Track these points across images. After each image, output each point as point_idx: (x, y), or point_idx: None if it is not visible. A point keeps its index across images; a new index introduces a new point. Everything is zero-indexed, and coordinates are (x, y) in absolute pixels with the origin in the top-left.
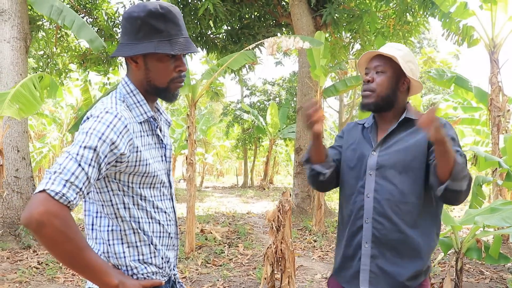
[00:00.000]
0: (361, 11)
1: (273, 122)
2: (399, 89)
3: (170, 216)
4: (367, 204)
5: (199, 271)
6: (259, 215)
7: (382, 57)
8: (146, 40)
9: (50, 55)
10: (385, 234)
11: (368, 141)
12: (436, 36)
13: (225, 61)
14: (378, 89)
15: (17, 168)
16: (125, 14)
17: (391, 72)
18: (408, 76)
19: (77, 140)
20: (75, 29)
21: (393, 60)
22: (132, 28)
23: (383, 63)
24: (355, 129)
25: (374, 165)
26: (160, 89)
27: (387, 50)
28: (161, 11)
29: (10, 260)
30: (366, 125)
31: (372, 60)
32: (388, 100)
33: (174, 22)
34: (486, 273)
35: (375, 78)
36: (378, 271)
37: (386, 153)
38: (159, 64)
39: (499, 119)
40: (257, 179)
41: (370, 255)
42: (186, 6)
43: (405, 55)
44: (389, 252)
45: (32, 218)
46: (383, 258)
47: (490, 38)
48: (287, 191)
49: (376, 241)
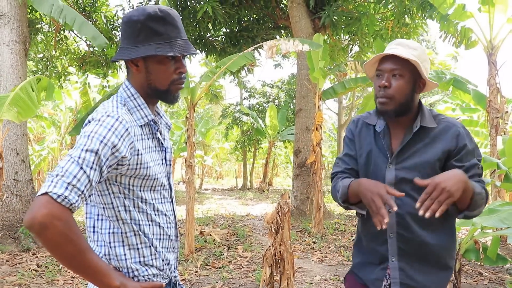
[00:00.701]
0: (360, 13)
1: (272, 124)
2: (416, 92)
3: (170, 218)
4: (390, 219)
5: (198, 273)
6: (258, 217)
7: (398, 58)
8: (146, 43)
9: (49, 58)
10: (411, 247)
11: (383, 150)
12: (434, 38)
13: (224, 63)
14: (397, 96)
15: (16, 171)
16: (124, 18)
17: (409, 76)
18: (424, 78)
19: (78, 143)
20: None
21: (409, 62)
22: (132, 31)
23: (400, 65)
24: (366, 131)
25: (393, 179)
26: (161, 92)
27: (403, 51)
28: (160, 14)
29: (10, 263)
30: (377, 129)
31: (385, 61)
32: (407, 106)
33: (173, 24)
34: (485, 274)
35: (392, 83)
36: (409, 281)
37: (403, 167)
38: (160, 66)
39: (497, 120)
40: (256, 181)
41: (399, 268)
42: (185, 9)
43: (420, 54)
44: (417, 262)
45: (35, 220)
46: (412, 269)
47: (488, 40)
48: (286, 193)
49: (402, 254)
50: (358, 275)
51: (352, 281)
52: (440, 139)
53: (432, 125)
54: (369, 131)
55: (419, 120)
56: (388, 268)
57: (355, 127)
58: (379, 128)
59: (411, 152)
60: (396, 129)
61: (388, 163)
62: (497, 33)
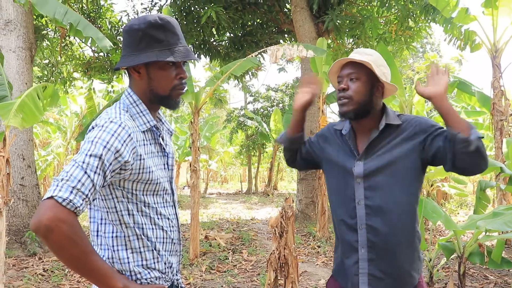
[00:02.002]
0: (363, 17)
1: (276, 128)
2: (374, 94)
3: (173, 222)
4: (359, 212)
5: (203, 277)
6: (263, 221)
7: (354, 64)
8: (148, 50)
9: (54, 64)
10: (380, 238)
11: (349, 149)
12: (439, 40)
13: (229, 68)
14: (355, 96)
15: (22, 176)
16: (126, 27)
17: (365, 78)
18: (382, 81)
19: (83, 149)
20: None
21: (365, 66)
22: (133, 39)
23: (356, 70)
24: (334, 135)
25: (361, 173)
26: (163, 97)
27: (358, 57)
28: (160, 22)
29: (16, 267)
30: (343, 132)
31: (344, 68)
32: (365, 107)
33: (173, 32)
34: (490, 278)
35: (349, 85)
36: (377, 273)
37: (371, 160)
38: (161, 72)
39: (502, 123)
40: (261, 185)
41: (368, 259)
42: (189, 14)
43: (376, 60)
44: (386, 254)
45: (41, 223)
46: (380, 261)
47: (492, 43)
48: (290, 197)
49: (371, 246)
50: (338, 280)
51: (334, 285)
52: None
53: (397, 122)
54: (337, 135)
55: (384, 119)
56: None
57: (323, 132)
58: (344, 131)
59: (378, 148)
60: (361, 132)
61: (356, 160)
62: (501, 36)
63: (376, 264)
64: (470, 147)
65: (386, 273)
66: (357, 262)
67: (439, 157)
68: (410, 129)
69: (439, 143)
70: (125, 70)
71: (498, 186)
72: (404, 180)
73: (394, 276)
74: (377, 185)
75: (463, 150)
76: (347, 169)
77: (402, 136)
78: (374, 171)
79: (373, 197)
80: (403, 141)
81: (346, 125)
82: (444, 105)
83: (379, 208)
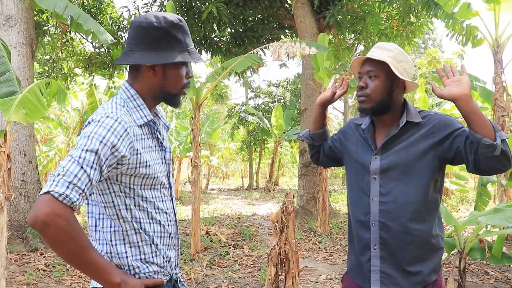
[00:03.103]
0: (364, 12)
1: (278, 124)
2: (394, 91)
3: (171, 216)
4: (373, 208)
5: (204, 272)
6: (264, 217)
7: (374, 60)
8: (169, 50)
9: (55, 59)
10: (392, 236)
11: (367, 144)
12: (441, 36)
13: (230, 64)
14: (373, 95)
15: (24, 172)
16: (144, 24)
17: (384, 76)
18: (401, 77)
19: (79, 144)
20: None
21: (385, 63)
22: (154, 37)
23: (375, 67)
24: (355, 129)
25: (378, 169)
26: (172, 95)
27: (377, 54)
28: (180, 24)
29: (18, 263)
30: (363, 126)
31: (364, 65)
32: (384, 104)
33: (188, 34)
34: (491, 273)
35: (368, 83)
36: (389, 270)
37: (388, 156)
38: (176, 72)
39: (504, 119)
40: (262, 181)
41: (380, 256)
42: (190, 10)
43: (396, 55)
44: (398, 252)
45: (37, 218)
46: (393, 259)
47: (493, 38)
48: (290, 193)
49: (384, 243)
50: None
51: (349, 282)
52: (428, 133)
53: (418, 120)
54: (356, 129)
55: (405, 116)
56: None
57: (345, 127)
58: (364, 125)
59: (396, 144)
60: (380, 127)
61: (373, 154)
62: (503, 31)
63: (388, 261)
64: (495, 152)
65: (398, 271)
66: (369, 259)
67: (459, 157)
68: (429, 127)
69: (459, 144)
70: (127, 65)
71: (499, 181)
72: (420, 179)
73: (405, 274)
74: (392, 182)
75: (488, 155)
76: (364, 165)
77: (420, 134)
78: (390, 167)
79: (387, 194)
80: (421, 139)
81: (366, 119)
82: (470, 106)
83: (393, 205)
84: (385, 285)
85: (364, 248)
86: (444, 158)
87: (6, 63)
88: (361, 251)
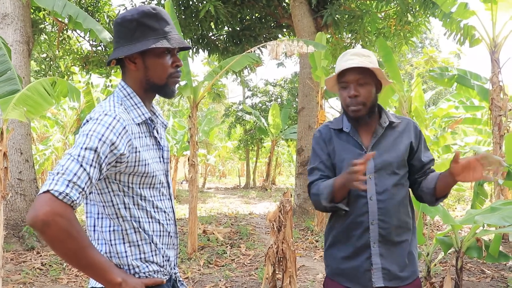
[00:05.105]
0: (362, 11)
1: (274, 123)
2: (377, 94)
3: (170, 215)
4: (372, 207)
5: (201, 271)
6: (261, 215)
7: (357, 68)
8: (143, 39)
9: (52, 58)
10: (391, 233)
11: (356, 146)
12: (438, 35)
13: (227, 63)
14: (367, 102)
15: (20, 171)
16: (118, 19)
17: (371, 81)
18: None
19: (77, 142)
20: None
21: (368, 69)
22: (128, 30)
23: (362, 75)
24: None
25: (372, 168)
26: (159, 86)
27: (359, 60)
28: (153, 12)
29: (14, 262)
30: (346, 130)
31: (348, 73)
32: (374, 107)
33: (166, 21)
34: (487, 272)
35: (360, 91)
36: (389, 266)
37: (380, 155)
38: (157, 61)
39: (500, 118)
40: (259, 180)
41: (379, 254)
42: (187, 8)
43: (373, 60)
44: (396, 248)
45: (37, 218)
46: (391, 254)
47: (490, 37)
48: (287, 192)
49: (383, 241)
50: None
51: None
52: (406, 132)
53: (397, 121)
54: (338, 134)
55: (385, 117)
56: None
57: (323, 136)
58: (346, 129)
59: (384, 143)
60: (362, 129)
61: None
62: (500, 31)
63: (387, 257)
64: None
65: (396, 265)
66: (369, 258)
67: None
68: (405, 125)
69: (417, 162)
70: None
71: (496, 180)
72: (406, 174)
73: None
74: (387, 179)
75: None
76: None
77: (399, 130)
78: (383, 166)
79: (384, 192)
80: (403, 137)
81: (344, 122)
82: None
83: (390, 202)
84: (387, 281)
85: (363, 248)
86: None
87: (7, 61)
88: (358, 251)
